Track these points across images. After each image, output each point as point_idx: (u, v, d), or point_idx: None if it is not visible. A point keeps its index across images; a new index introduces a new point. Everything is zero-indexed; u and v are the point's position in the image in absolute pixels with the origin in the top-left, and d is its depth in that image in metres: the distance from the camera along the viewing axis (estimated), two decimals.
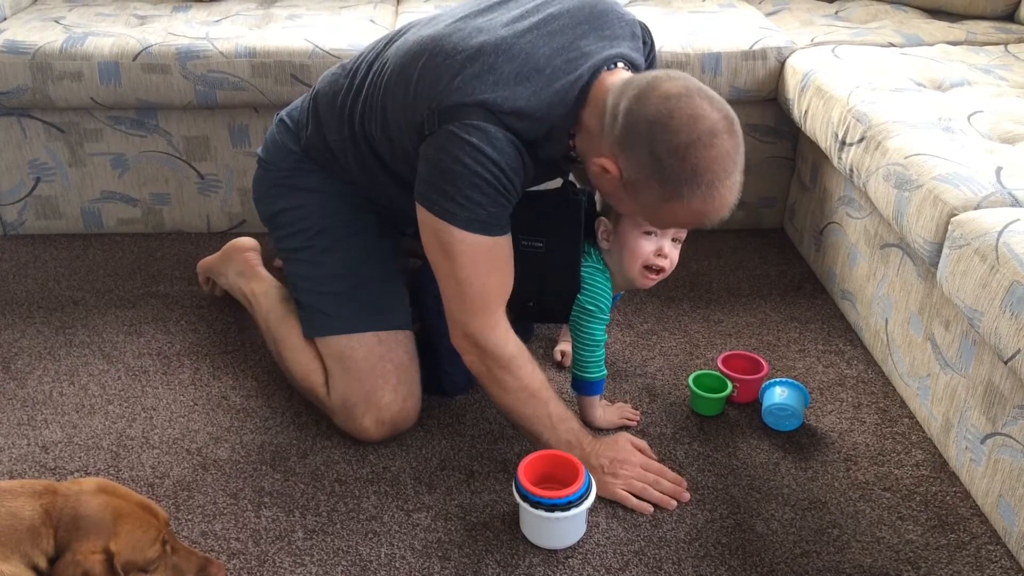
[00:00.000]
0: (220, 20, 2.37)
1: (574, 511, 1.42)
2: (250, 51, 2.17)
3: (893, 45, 2.28)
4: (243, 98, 2.21)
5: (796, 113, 2.14)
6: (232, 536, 1.48)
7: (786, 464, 1.64)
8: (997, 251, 1.40)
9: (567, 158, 1.51)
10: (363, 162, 1.64)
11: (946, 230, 1.54)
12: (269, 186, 1.78)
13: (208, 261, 2.08)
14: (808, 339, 2.00)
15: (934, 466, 1.65)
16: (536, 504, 1.42)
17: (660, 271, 1.61)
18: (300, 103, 1.77)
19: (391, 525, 1.51)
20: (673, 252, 1.61)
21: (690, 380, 1.77)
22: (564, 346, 1.90)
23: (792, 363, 1.92)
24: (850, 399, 1.82)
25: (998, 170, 1.60)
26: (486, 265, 1.47)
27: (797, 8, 2.58)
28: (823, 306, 2.12)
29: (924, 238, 1.59)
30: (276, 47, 2.19)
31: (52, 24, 2.30)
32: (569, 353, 1.83)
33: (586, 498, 1.44)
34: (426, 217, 1.46)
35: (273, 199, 1.77)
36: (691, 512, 1.54)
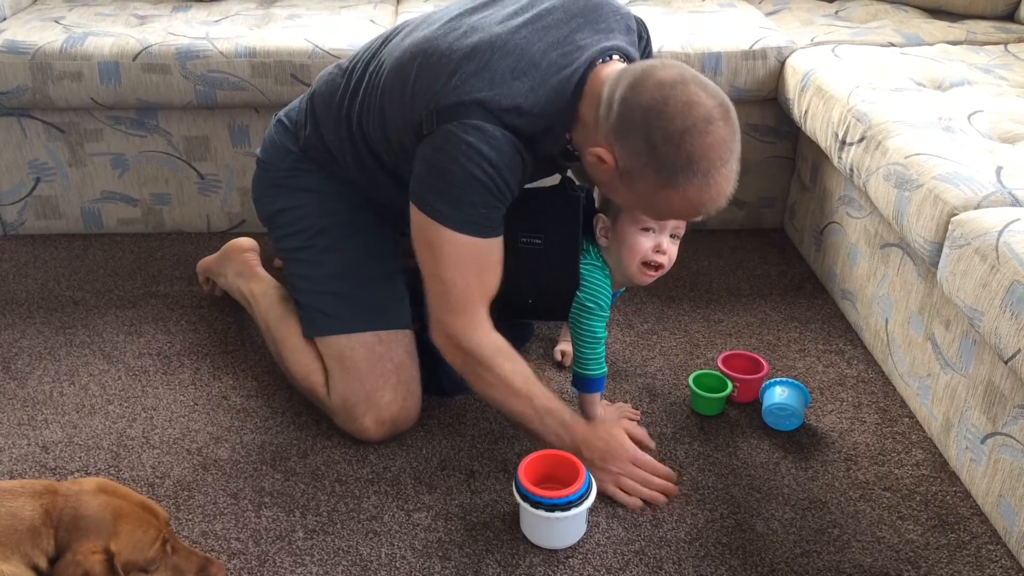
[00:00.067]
0: (220, 20, 2.37)
1: (574, 511, 1.42)
2: (250, 51, 2.17)
3: (893, 45, 2.27)
4: (243, 98, 2.21)
5: (796, 113, 2.13)
6: (232, 536, 1.48)
7: (786, 464, 1.64)
8: (997, 251, 1.40)
9: (565, 154, 1.51)
10: (361, 162, 1.64)
11: (946, 230, 1.54)
12: (268, 186, 1.78)
13: (207, 261, 2.08)
14: (808, 339, 2.00)
15: (934, 466, 1.65)
16: (536, 504, 1.42)
17: (659, 267, 1.61)
18: (298, 103, 1.77)
19: (391, 525, 1.51)
20: (672, 248, 1.61)
21: (690, 380, 1.77)
22: (564, 346, 1.90)
23: (792, 363, 1.92)
24: (850, 399, 1.81)
25: (998, 170, 1.60)
26: (473, 266, 1.47)
27: (797, 8, 2.58)
28: (823, 306, 2.12)
29: (924, 238, 1.59)
30: (276, 47, 2.19)
31: (52, 24, 2.30)
32: (569, 353, 1.83)
33: (586, 498, 1.44)
34: (418, 216, 1.46)
35: (272, 199, 1.77)
36: (691, 512, 1.54)
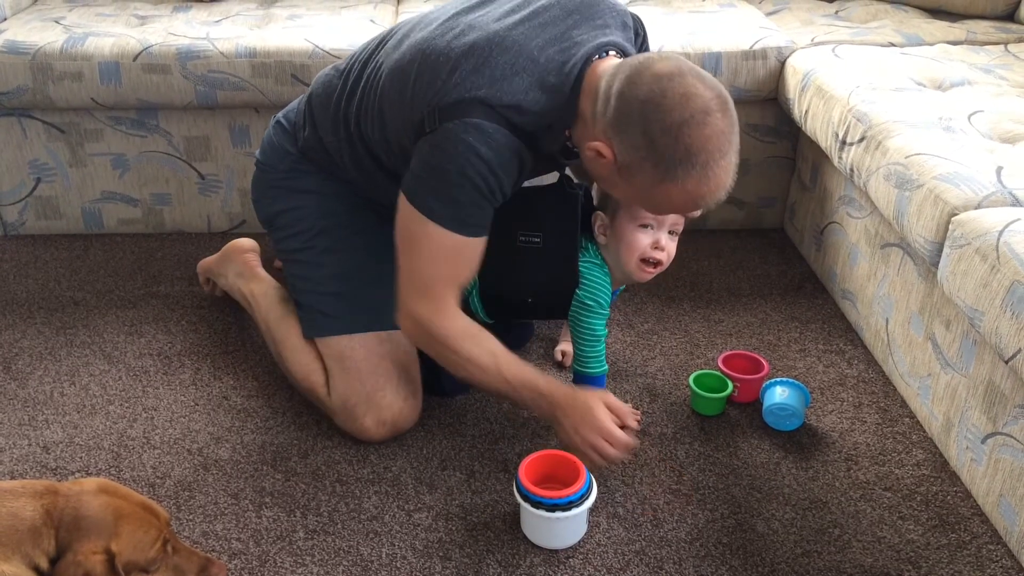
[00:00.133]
0: (220, 20, 2.37)
1: (575, 511, 1.42)
2: (250, 51, 2.17)
3: (893, 45, 2.27)
4: (243, 98, 2.21)
5: (796, 113, 2.13)
6: (233, 536, 1.49)
7: (787, 464, 1.64)
8: (998, 251, 1.40)
9: (565, 151, 1.51)
10: (359, 163, 1.64)
11: (947, 230, 1.54)
12: (267, 188, 1.78)
13: (207, 262, 2.08)
14: (809, 339, 2.00)
15: (935, 466, 1.65)
16: (537, 504, 1.42)
17: (657, 264, 1.61)
18: (296, 105, 1.77)
19: (392, 525, 1.51)
20: (670, 245, 1.61)
21: (691, 380, 1.77)
22: (564, 346, 1.90)
23: (793, 363, 1.92)
24: (851, 399, 1.81)
25: (998, 170, 1.60)
26: (450, 261, 1.48)
27: (797, 8, 2.58)
28: (824, 306, 2.12)
29: (925, 238, 1.59)
30: (276, 47, 2.19)
31: (52, 24, 2.30)
32: (570, 353, 1.83)
33: (587, 498, 1.44)
34: (407, 208, 1.46)
35: (271, 201, 1.77)
36: (692, 512, 1.54)
